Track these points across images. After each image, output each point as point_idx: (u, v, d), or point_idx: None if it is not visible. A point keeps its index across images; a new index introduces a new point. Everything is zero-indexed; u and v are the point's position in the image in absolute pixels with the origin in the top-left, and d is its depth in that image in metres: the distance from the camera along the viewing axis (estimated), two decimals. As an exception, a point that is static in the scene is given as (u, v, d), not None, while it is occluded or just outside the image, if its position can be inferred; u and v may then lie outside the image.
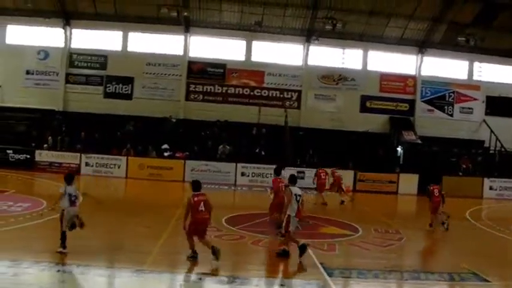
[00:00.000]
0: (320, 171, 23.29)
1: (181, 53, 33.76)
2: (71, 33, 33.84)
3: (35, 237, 13.55)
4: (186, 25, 33.14)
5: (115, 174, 28.03)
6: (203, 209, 11.73)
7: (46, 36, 33.82)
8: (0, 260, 11.34)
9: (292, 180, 13.04)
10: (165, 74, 33.85)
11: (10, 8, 32.85)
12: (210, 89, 34.06)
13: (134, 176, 27.65)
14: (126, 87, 33.80)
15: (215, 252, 11.43)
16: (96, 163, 28.35)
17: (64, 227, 11.73)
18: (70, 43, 33.87)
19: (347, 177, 28.20)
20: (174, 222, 16.13)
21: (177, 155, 29.26)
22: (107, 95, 33.79)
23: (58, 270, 10.66)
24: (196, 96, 33.97)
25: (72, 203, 11.97)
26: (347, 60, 34.55)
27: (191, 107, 33.76)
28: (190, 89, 33.96)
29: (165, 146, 29.60)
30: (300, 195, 12.52)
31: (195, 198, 11.75)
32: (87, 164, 28.30)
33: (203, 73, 33.88)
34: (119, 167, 28.32)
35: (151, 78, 33.74)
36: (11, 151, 28.55)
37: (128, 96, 33.76)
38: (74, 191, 12.17)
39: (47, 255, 11.85)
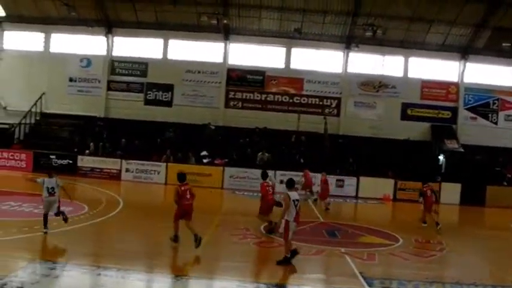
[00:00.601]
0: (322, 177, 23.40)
1: (220, 60, 33.93)
2: (112, 41, 34.49)
3: (77, 240, 13.81)
4: (226, 33, 33.31)
5: (155, 181, 28.24)
6: (189, 196, 13.39)
7: (88, 44, 34.58)
8: (43, 261, 11.60)
9: (290, 185, 12.80)
10: (205, 81, 34.06)
11: (54, 17, 33.74)
12: (250, 96, 34.10)
13: (174, 183, 27.36)
14: (166, 95, 34.15)
15: (196, 240, 12.79)
16: (136, 169, 28.64)
17: (44, 211, 13.93)
18: (112, 51, 34.51)
19: (387, 186, 27.81)
20: (213, 228, 16.19)
21: (216, 161, 29.31)
22: (148, 102, 34.20)
23: (99, 274, 10.80)
24: (235, 103, 34.07)
25: (50, 193, 13.97)
26: (387, 67, 34.08)
27: (230, 114, 33.86)
28: (230, 96, 34.08)
29: (204, 152, 29.71)
30: (297, 200, 12.28)
31: (182, 188, 13.46)
32: (127, 170, 28.63)
33: (242, 80, 33.97)
34: (158, 173, 28.53)
35: (191, 85, 33.99)
36: (54, 156, 29.15)
37: (168, 103, 34.11)
38: (53, 183, 14.08)
39: (89, 258, 12.11)
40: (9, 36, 35.64)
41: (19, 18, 34.53)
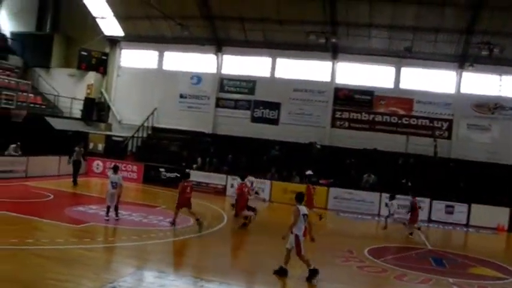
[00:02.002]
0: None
1: (328, 79, 33.57)
2: (222, 60, 35.30)
3: (182, 251, 14.26)
4: (334, 51, 32.98)
5: (259, 197, 28.22)
6: (188, 191, 17.33)
7: (199, 62, 35.71)
8: (149, 270, 12.22)
9: (299, 199, 12.95)
10: (312, 100, 33.84)
11: (168, 37, 35.19)
12: (357, 116, 33.36)
13: (277, 200, 27.71)
14: (273, 112, 34.31)
15: (199, 224, 17.00)
16: (241, 185, 28.82)
17: (107, 203, 17.24)
18: (221, 69, 35.31)
19: (502, 215, 25.99)
20: (312, 249, 15.88)
21: (321, 181, 28.92)
22: (254, 120, 34.53)
23: (202, 286, 11.01)
24: (342, 123, 33.48)
25: (113, 187, 17.19)
26: (504, 88, 31.77)
27: (336, 134, 33.28)
28: (336, 115, 33.55)
29: (309, 172, 29.39)
30: (306, 215, 12.49)
31: (185, 183, 17.49)
32: (232, 186, 28.88)
33: (350, 100, 33.32)
34: (263, 191, 28.54)
35: (298, 104, 33.88)
36: (163, 169, 30.15)
37: (275, 121, 34.22)
38: (116, 179, 17.36)
39: (192, 269, 12.57)
40: (126, 54, 37.72)
41: (136, 38, 36.45)
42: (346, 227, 22.60)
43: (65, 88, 36.48)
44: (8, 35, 39.30)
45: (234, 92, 35.10)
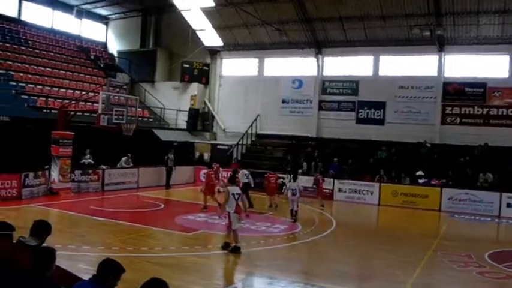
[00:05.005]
0: (269, 175, 24.19)
1: (435, 73, 31.67)
2: (322, 62, 34.58)
3: (292, 257, 14.39)
4: (440, 44, 31.10)
5: (367, 201, 27.27)
6: (213, 177, 21.48)
7: (299, 66, 35.28)
8: (260, 276, 12.24)
9: (231, 180, 15.41)
10: (419, 97, 32.07)
11: (267, 43, 35.16)
12: (469, 110, 31.13)
13: (387, 203, 26.61)
14: (378, 112, 33.03)
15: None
16: (349, 189, 28.01)
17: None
18: (322, 71, 34.58)
19: None
20: (430, 253, 14.97)
21: (433, 182, 27.39)
22: (359, 121, 33.39)
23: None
24: (453, 119, 31.43)
25: (293, 193, 19.74)
26: None
27: (447, 131, 31.24)
28: (446, 111, 31.53)
29: (420, 172, 28.02)
30: (238, 194, 14.05)
31: (209, 172, 22.20)
32: (340, 190, 28.17)
33: (460, 94, 31.16)
34: (371, 194, 27.55)
35: (404, 101, 32.26)
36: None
37: (380, 121, 32.89)
38: (296, 186, 20.14)
39: (303, 275, 12.41)
40: (227, 63, 38.12)
41: (235, 46, 36.76)
42: (462, 230, 21.13)
43: (170, 100, 37.58)
44: (115, 54, 41.28)
45: (337, 94, 34.18)
